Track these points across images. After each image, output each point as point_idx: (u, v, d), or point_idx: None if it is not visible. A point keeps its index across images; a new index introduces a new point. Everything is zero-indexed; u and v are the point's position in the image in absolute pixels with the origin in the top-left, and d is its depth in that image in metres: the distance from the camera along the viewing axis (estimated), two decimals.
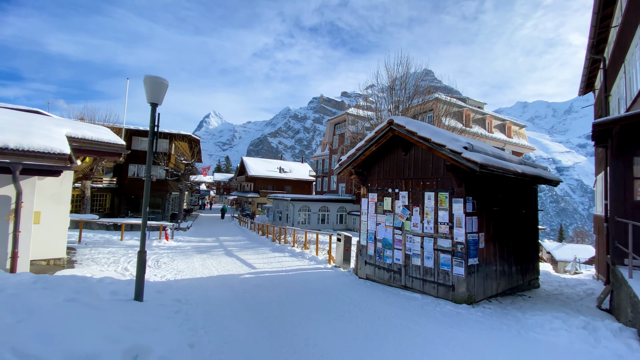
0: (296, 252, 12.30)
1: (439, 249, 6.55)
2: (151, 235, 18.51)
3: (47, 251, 8.85)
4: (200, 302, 5.67)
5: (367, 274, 7.92)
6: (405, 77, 19.50)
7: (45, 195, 8.83)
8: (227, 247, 15.45)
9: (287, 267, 9.78)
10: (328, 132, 43.01)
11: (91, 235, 17.54)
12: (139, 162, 30.28)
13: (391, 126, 6.83)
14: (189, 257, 11.79)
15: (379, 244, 7.68)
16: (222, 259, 11.39)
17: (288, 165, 61.66)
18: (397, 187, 7.37)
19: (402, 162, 7.34)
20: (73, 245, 13.50)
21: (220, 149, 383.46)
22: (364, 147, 7.45)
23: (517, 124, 38.79)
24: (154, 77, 4.65)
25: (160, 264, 10.29)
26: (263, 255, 12.41)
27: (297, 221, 34.13)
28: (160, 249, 14.00)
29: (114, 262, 10.46)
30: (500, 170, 5.98)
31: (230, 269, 9.50)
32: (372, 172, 8.04)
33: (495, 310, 6.17)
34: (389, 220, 7.49)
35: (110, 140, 9.11)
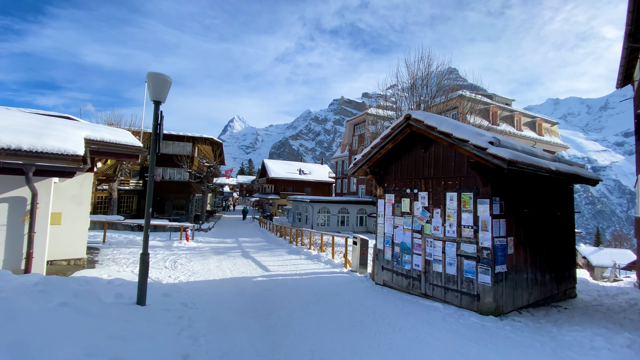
0: (312, 254, 11.98)
1: (462, 254, 5.99)
2: (172, 236, 18.89)
3: (68, 251, 9.08)
4: (207, 306, 5.47)
5: (385, 280, 7.45)
6: (427, 74, 18.75)
7: (66, 197, 9.07)
8: (244, 248, 15.40)
9: (301, 270, 9.47)
10: (347, 133, 42.52)
11: (116, 236, 18.14)
12: (164, 165, 31.24)
13: (408, 121, 6.36)
14: (206, 259, 11.79)
15: (396, 249, 7.19)
16: (238, 261, 11.28)
17: (308, 167, 61.67)
18: (416, 188, 6.87)
19: (421, 160, 6.83)
20: (97, 245, 13.95)
21: (243, 152, 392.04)
22: (380, 145, 7.01)
23: (549, 121, 36.50)
24: (157, 73, 4.50)
25: (177, 265, 10.31)
26: (279, 257, 12.19)
27: (317, 223, 33.86)
28: (179, 250, 14.17)
29: (132, 263, 10.60)
30: (531, 167, 5.36)
31: (244, 271, 9.33)
32: (388, 171, 7.58)
33: (526, 323, 5.53)
34: (407, 223, 7.00)
35: (127, 142, 9.22)
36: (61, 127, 8.22)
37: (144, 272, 4.56)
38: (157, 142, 4.57)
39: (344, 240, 10.05)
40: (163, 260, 11.17)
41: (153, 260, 11.23)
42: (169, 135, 31.05)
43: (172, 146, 31.69)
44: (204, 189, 29.34)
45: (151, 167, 4.59)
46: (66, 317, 2.92)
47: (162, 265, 10.17)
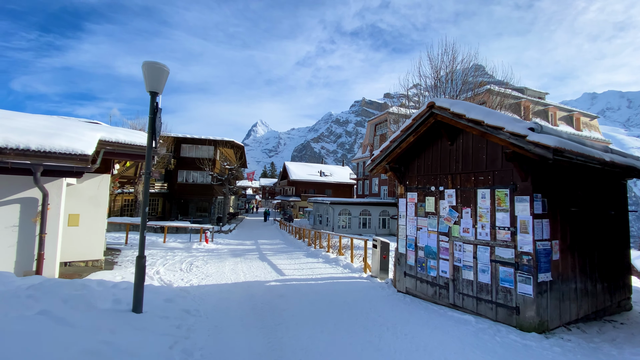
0: (330, 258, 11.42)
1: (497, 260, 5.22)
2: (193, 237, 19.01)
3: (86, 253, 9.10)
4: (212, 313, 5.08)
5: (407, 288, 6.75)
6: (452, 68, 17.71)
7: (84, 199, 9.11)
8: (262, 250, 15.11)
9: (318, 274, 8.94)
10: (369, 133, 41.63)
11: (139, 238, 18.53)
12: (188, 169, 31.93)
13: (432, 110, 5.68)
14: (222, 261, 11.56)
15: (420, 253, 6.49)
16: (254, 264, 10.93)
17: (329, 168, 61.18)
18: (442, 185, 6.15)
19: (447, 153, 6.11)
20: (119, 246, 14.17)
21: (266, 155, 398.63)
22: (400, 138, 6.36)
23: (588, 115, 33.78)
24: (153, 62, 4.18)
25: (192, 267, 10.12)
26: (296, 260, 11.73)
27: (338, 225, 33.22)
28: (198, 252, 14.09)
29: (150, 265, 10.54)
30: (581, 157, 4.53)
31: (259, 274, 8.94)
32: (410, 168, 6.90)
33: (578, 343, 4.68)
34: (432, 224, 6.29)
35: (142, 143, 9.14)
36: (76, 128, 8.24)
37: (140, 277, 4.23)
38: (153, 136, 4.24)
39: (364, 243, 9.42)
40: (180, 262, 11.04)
41: (170, 262, 11.16)
42: (192, 139, 31.67)
43: (194, 150, 32.30)
44: (226, 191, 29.60)
45: (147, 163, 4.26)
46: (39, 328, 2.59)
47: (178, 268, 10.01)
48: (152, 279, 8.19)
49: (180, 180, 32.14)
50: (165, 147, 27.68)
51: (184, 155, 32.01)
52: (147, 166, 4.24)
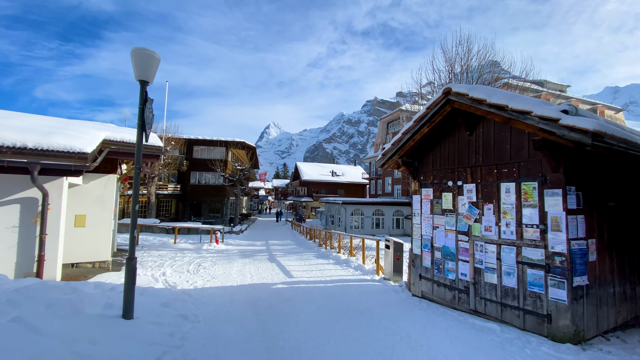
0: (341, 259, 10.97)
1: (525, 261, 4.66)
2: (203, 238, 18.93)
3: (92, 254, 8.99)
4: (211, 319, 4.74)
5: (423, 291, 6.24)
6: (467, 60, 16.96)
7: (91, 199, 9.01)
8: (272, 251, 14.80)
9: (327, 277, 8.52)
10: (381, 132, 40.92)
11: (151, 239, 18.55)
12: (200, 170, 32.14)
13: (448, 97, 5.17)
14: (230, 262, 11.30)
15: (437, 254, 5.97)
16: (262, 265, 10.61)
17: (340, 168, 60.63)
18: (460, 179, 5.63)
19: (465, 145, 5.58)
20: None
21: (279, 157, 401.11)
22: (413, 129, 5.87)
23: (612, 108, 32.03)
24: (143, 49, 3.87)
25: (200, 268, 9.88)
26: (305, 261, 11.34)
27: (350, 225, 32.69)
28: (207, 253, 13.92)
29: (158, 266, 10.39)
30: (622, 144, 3.93)
31: (266, 276, 8.60)
32: (425, 161, 6.39)
33: (620, 356, 4.10)
34: (450, 222, 5.77)
35: (147, 142, 8.98)
36: (79, 127, 8.13)
37: (130, 280, 3.92)
38: (143, 128, 3.93)
39: (376, 243, 8.94)
40: (188, 264, 10.85)
41: (179, 263, 10.99)
42: (203, 141, 31.85)
43: (206, 151, 32.47)
44: (237, 192, 29.57)
45: (137, 157, 3.96)
46: (3, 338, 2.29)
47: (185, 269, 9.80)
48: (156, 281, 7.98)
49: (193, 182, 32.38)
50: (177, 149, 27.89)
51: (196, 156, 32.23)
52: (136, 160, 3.94)
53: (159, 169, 22.84)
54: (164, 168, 23.30)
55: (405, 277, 7.88)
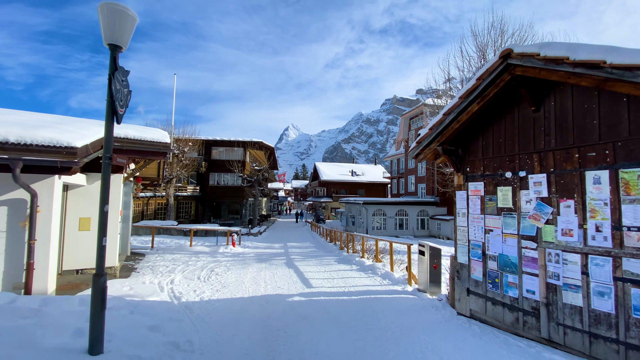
0: (365, 265, 9.83)
1: (628, 278, 3.39)
2: (220, 240, 18.34)
3: None
4: (208, 348, 3.79)
5: (472, 310, 5.03)
6: (501, 42, 15.33)
7: (96, 200, 8.42)
8: (290, 255, 13.87)
9: (351, 286, 7.43)
10: (403, 128, 39.24)
11: (168, 241, 18.17)
12: (219, 171, 31.92)
13: (509, 61, 3.97)
14: (245, 267, 10.46)
15: (491, 264, 4.75)
16: (279, 271, 9.68)
17: (360, 168, 59.17)
18: (523, 168, 4.39)
19: (530, 124, 4.34)
20: (145, 251, 13.70)
21: (298, 158, 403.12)
22: (459, 108, 4.68)
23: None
24: (113, 4, 2.98)
25: (212, 275, 9.09)
26: (326, 267, 10.29)
27: (372, 227, 31.37)
28: (223, 256, 13.19)
29: (169, 271, 9.71)
30: None
31: (282, 285, 7.63)
32: (472, 149, 5.18)
33: None
34: (509, 224, 4.54)
35: (154, 139, 8.28)
36: (76, 123, 7.54)
37: (98, 305, 3.03)
38: (113, 106, 3.05)
39: (406, 248, 7.76)
40: (200, 269, 10.11)
41: (191, 268, 10.27)
42: (222, 142, 31.60)
43: (224, 152, 32.21)
44: (256, 193, 29.02)
45: (106, 142, 3.07)
46: None
47: (196, 276, 9.03)
48: (161, 290, 7.21)
49: (212, 183, 32.20)
50: (195, 150, 27.71)
51: (215, 158, 32.04)
52: (105, 148, 3.07)
53: (177, 170, 22.60)
54: (182, 169, 23.04)
55: (445, 290, 6.66)
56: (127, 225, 12.43)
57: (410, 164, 37.99)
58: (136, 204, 21.31)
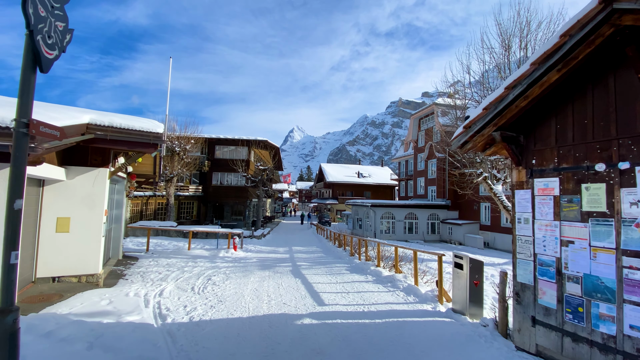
0: (383, 275, 8.64)
1: None
2: (221, 243, 17.24)
3: (78, 266, 7.32)
4: None
5: (540, 346, 3.82)
6: (527, 32, 14.09)
7: (76, 199, 7.36)
8: (296, 261, 12.71)
9: (370, 304, 6.24)
10: (412, 129, 37.95)
11: (166, 243, 17.12)
12: (222, 170, 30.92)
13: (614, 6, 2.77)
14: (246, 275, 9.34)
15: (572, 287, 3.55)
16: (284, 281, 8.53)
17: (367, 169, 57.90)
18: (627, 158, 3.20)
19: (634, 96, 3.16)
20: (139, 254, 12.65)
21: (303, 160, 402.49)
22: (528, 78, 3.49)
23: None
24: None
25: (208, 285, 7.97)
26: (337, 277, 9.11)
27: (380, 230, 30.09)
28: (222, 262, 12.08)
29: (160, 279, 8.63)
30: None
31: (288, 301, 6.47)
32: (540, 134, 3.99)
33: None
34: (601, 234, 3.34)
35: (143, 128, 7.21)
36: (59, 109, 6.52)
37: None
38: (33, 44, 1.92)
39: (437, 259, 6.55)
40: (196, 277, 9.01)
41: (186, 275, 9.18)
42: (225, 140, 30.62)
43: (228, 151, 31.23)
44: (260, 194, 27.95)
45: (22, 104, 1.94)
46: None
47: (190, 286, 7.92)
48: (146, 305, 6.09)
49: (214, 183, 31.22)
50: (197, 148, 26.74)
51: (218, 156, 31.06)
52: (20, 109, 1.93)
53: (179, 168, 21.60)
54: (183, 168, 22.04)
55: (490, 313, 5.44)
56: (120, 226, 11.39)
57: (420, 165, 36.67)
58: (134, 204, 20.33)
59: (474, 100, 16.88)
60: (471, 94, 16.43)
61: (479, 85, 16.22)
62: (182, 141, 22.23)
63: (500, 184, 16.49)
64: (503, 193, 15.56)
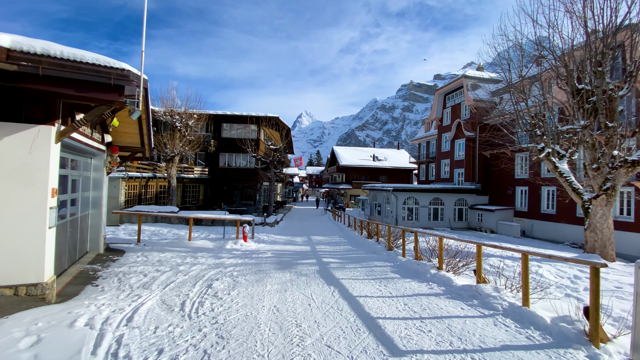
0: (455, 285, 5.98)
1: None
2: (229, 232, 14.81)
3: (11, 272, 4.86)
4: None
5: None
6: None
7: (4, 172, 4.84)
8: (321, 256, 10.18)
9: (475, 347, 3.63)
10: (436, 106, 34.47)
11: (165, 232, 14.79)
12: (230, 151, 28.42)
13: None
14: (261, 279, 6.85)
15: None
16: (315, 291, 6.00)
17: (382, 152, 54.69)
18: None
19: None
20: (127, 246, 10.28)
21: (311, 145, 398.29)
22: None
23: None
24: None
25: (207, 300, 5.50)
26: (387, 285, 6.50)
27: (401, 216, 27.42)
28: (230, 256, 9.64)
29: (141, 287, 6.23)
30: None
31: (333, 340, 3.89)
32: None
33: None
34: None
35: (97, 61, 4.54)
36: None
37: None
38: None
39: (589, 271, 3.83)
40: (192, 282, 6.56)
41: (179, 280, 6.77)
42: (232, 117, 27.91)
43: (236, 130, 28.57)
44: (271, 176, 25.43)
45: None
46: None
47: (181, 300, 5.46)
48: (96, 347, 3.59)
49: (222, 165, 28.78)
50: (201, 125, 24.10)
51: (225, 136, 28.46)
52: None
53: (180, 147, 19.09)
54: (185, 146, 19.52)
55: None
56: (99, 212, 8.96)
57: (444, 146, 33.39)
58: (131, 186, 18.01)
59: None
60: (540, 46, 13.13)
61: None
62: (184, 117, 19.62)
63: (565, 161, 13.47)
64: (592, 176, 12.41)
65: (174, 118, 19.23)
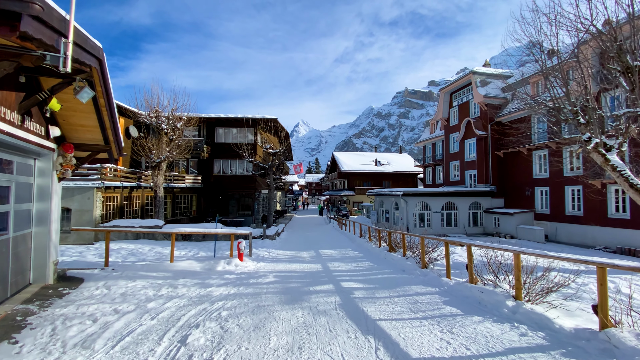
0: (562, 329, 3.83)
1: None
2: (221, 248, 12.58)
3: None
4: None
5: None
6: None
7: None
8: (338, 279, 7.97)
9: None
10: (442, 105, 32.65)
11: (146, 250, 12.51)
12: (225, 157, 26.32)
13: None
14: (261, 326, 4.67)
15: None
16: (346, 350, 3.81)
17: (385, 157, 52.75)
18: None
19: None
20: (90, 272, 8.05)
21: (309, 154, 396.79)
22: None
23: None
24: None
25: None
26: (452, 329, 4.33)
27: (412, 223, 25.26)
28: (220, 284, 7.42)
29: (79, 345, 4.05)
30: None
31: None
32: None
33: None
34: None
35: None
36: None
37: None
38: None
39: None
40: (159, 335, 4.38)
41: (143, 327, 4.59)
42: (226, 120, 25.88)
43: (231, 134, 26.51)
44: (270, 183, 23.27)
45: None
46: None
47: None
48: None
49: (216, 172, 26.62)
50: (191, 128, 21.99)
51: (220, 141, 26.38)
52: None
53: (168, 152, 16.93)
54: (174, 151, 17.36)
55: None
56: (46, 230, 6.75)
57: (453, 147, 31.45)
58: (110, 197, 15.76)
59: None
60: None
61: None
62: (172, 119, 17.54)
63: (614, 153, 11.42)
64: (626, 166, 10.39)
65: (160, 120, 17.13)
